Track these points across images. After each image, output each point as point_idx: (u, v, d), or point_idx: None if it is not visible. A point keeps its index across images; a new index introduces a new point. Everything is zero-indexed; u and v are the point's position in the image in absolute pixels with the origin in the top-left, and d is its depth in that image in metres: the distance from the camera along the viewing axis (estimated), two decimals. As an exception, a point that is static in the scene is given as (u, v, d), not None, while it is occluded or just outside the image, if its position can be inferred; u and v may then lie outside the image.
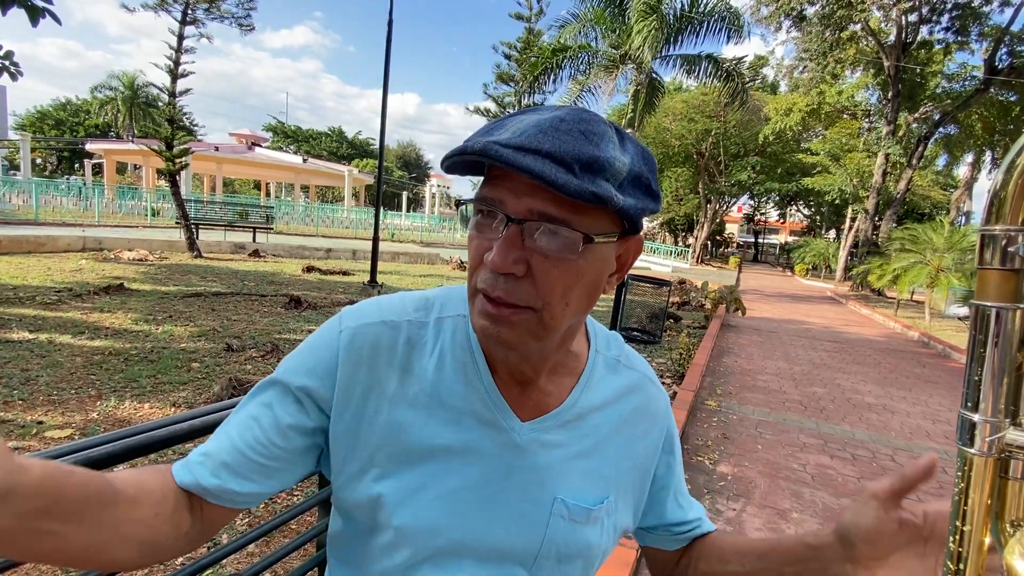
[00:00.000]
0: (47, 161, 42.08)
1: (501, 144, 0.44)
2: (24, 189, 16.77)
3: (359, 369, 0.57)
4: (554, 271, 0.48)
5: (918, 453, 3.91)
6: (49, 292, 5.99)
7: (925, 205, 28.35)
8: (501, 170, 0.48)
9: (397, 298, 0.63)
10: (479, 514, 0.58)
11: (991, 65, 15.68)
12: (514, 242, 0.47)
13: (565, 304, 0.50)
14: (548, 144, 0.44)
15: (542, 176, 0.42)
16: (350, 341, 0.57)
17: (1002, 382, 0.30)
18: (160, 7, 9.63)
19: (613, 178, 0.46)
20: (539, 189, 0.45)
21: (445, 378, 0.58)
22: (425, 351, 0.59)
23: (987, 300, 0.31)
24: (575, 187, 0.43)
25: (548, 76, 13.21)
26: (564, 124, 0.46)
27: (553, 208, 0.46)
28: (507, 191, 0.47)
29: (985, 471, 0.31)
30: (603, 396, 0.64)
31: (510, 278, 0.47)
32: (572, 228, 0.46)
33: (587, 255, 0.48)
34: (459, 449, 0.57)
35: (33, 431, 2.76)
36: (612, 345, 0.69)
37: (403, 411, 0.57)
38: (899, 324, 10.97)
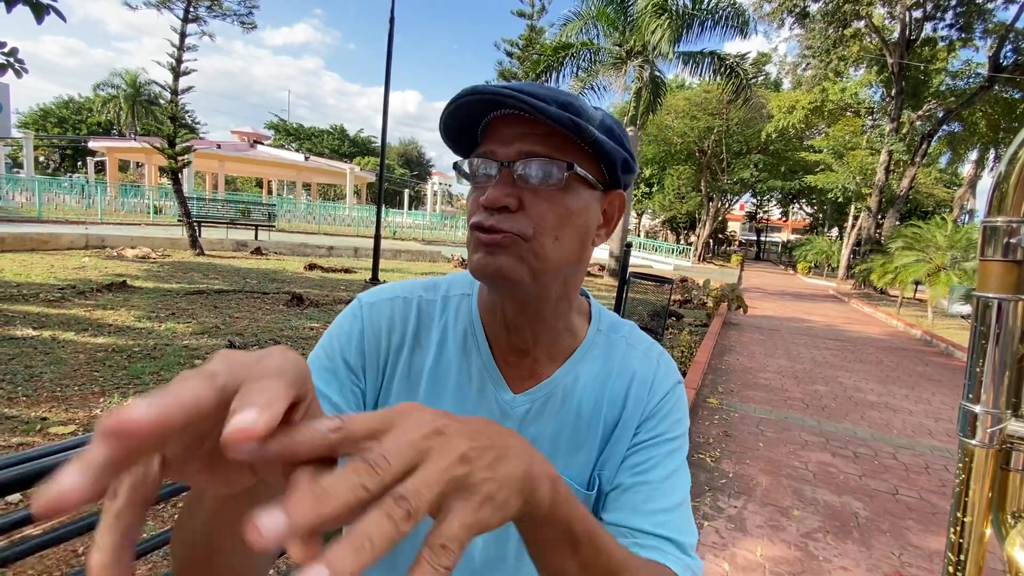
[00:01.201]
0: (50, 159, 42.18)
1: (488, 86, 0.49)
2: (27, 187, 16.81)
3: (380, 340, 0.62)
4: (543, 203, 0.51)
5: (920, 451, 3.90)
6: (52, 289, 6.00)
7: (928, 203, 28.25)
8: (492, 129, 0.54)
9: (409, 281, 0.68)
10: None
11: (995, 62, 15.60)
12: (506, 181, 0.51)
13: (555, 238, 0.52)
14: (528, 88, 0.50)
15: (526, 102, 0.47)
16: (370, 314, 0.62)
17: (1003, 374, 0.30)
18: (163, 5, 9.64)
19: (589, 121, 0.51)
20: (526, 135, 0.51)
21: (447, 351, 0.62)
22: (432, 325, 0.63)
23: (989, 292, 0.31)
24: (555, 112, 0.48)
25: (550, 74, 13.18)
26: (538, 84, 0.52)
27: (539, 147, 0.51)
28: (496, 142, 0.53)
29: (986, 462, 0.31)
30: (603, 368, 0.64)
31: (503, 211, 0.51)
32: (555, 159, 0.51)
33: (573, 193, 0.53)
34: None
35: (37, 427, 2.78)
36: (621, 327, 0.68)
37: (410, 382, 0.61)
38: (902, 322, 10.94)
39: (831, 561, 2.39)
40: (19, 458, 0.73)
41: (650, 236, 37.79)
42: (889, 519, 2.83)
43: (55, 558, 1.86)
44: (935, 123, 18.26)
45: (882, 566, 2.39)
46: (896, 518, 2.84)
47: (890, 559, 2.45)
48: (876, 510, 2.91)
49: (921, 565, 2.42)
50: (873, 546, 2.55)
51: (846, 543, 2.55)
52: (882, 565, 2.39)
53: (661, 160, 29.35)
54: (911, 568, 2.40)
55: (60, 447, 0.77)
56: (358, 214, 23.17)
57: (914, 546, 2.58)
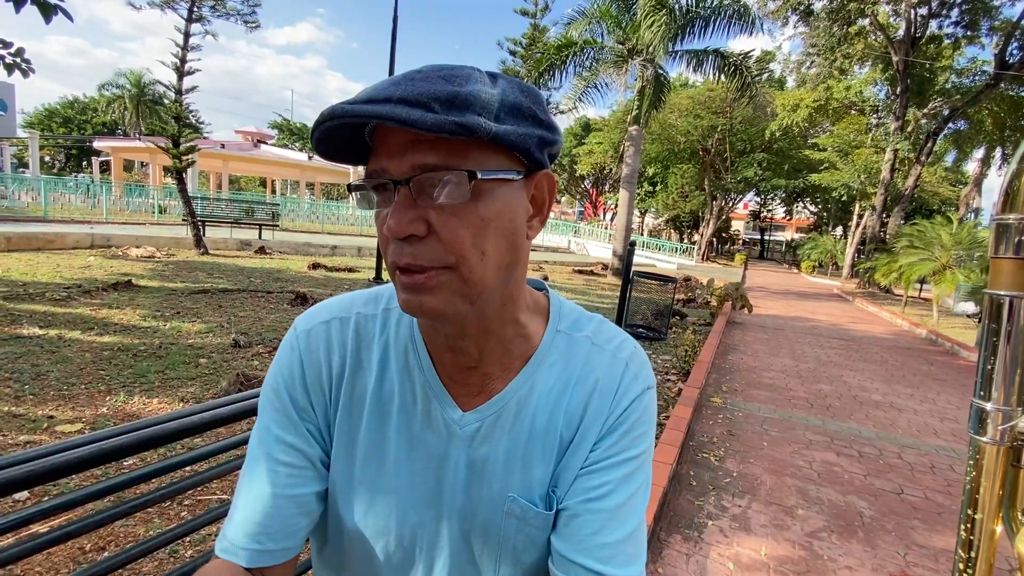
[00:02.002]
0: (55, 159, 42.39)
1: (349, 103, 0.42)
2: (33, 187, 16.89)
3: (320, 369, 0.58)
4: (453, 220, 0.44)
5: (925, 451, 3.88)
6: (58, 288, 6.04)
7: (934, 202, 28.09)
8: (378, 140, 0.46)
9: (347, 296, 0.63)
10: (426, 511, 0.56)
11: (1001, 60, 15.49)
12: (407, 203, 0.44)
13: (481, 254, 0.46)
14: (399, 92, 0.42)
15: (395, 117, 0.40)
16: (306, 343, 0.58)
17: (1015, 371, 0.30)
18: (166, 4, 9.67)
19: (484, 111, 0.43)
20: (415, 143, 0.43)
21: (388, 371, 0.58)
22: (372, 344, 0.59)
23: (1000, 289, 0.30)
24: (432, 121, 0.40)
25: (553, 72, 13.17)
26: (419, 73, 0.44)
27: (433, 157, 0.43)
28: (387, 157, 0.45)
29: (997, 459, 0.31)
30: (560, 378, 0.57)
31: (413, 240, 0.45)
32: (453, 169, 0.43)
33: (485, 198, 0.45)
34: (401, 443, 0.56)
35: (44, 425, 2.79)
36: (584, 325, 0.61)
37: (355, 405, 0.58)
38: (907, 322, 10.89)
39: (836, 560, 2.38)
40: (26, 456, 0.74)
41: (653, 235, 37.71)
42: (894, 519, 2.82)
43: (62, 555, 1.87)
44: (940, 121, 18.15)
45: (887, 566, 2.38)
46: (901, 518, 2.83)
47: (895, 559, 2.44)
48: (881, 510, 2.90)
49: (926, 565, 2.41)
50: (878, 546, 2.54)
51: (851, 542, 2.54)
52: (887, 565, 2.39)
53: (665, 159, 29.27)
54: (916, 568, 2.39)
55: (67, 445, 0.78)
56: (361, 213, 23.19)
57: (919, 546, 2.57)
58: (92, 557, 1.87)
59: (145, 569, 1.83)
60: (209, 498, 2.29)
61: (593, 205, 37.61)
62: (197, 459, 0.99)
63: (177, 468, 0.94)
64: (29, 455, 0.74)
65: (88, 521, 0.82)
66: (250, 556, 0.54)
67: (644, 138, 15.41)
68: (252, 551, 0.54)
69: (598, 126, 30.68)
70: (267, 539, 0.54)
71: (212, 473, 1.04)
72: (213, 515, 1.05)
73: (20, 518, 0.73)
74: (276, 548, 0.55)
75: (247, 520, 0.55)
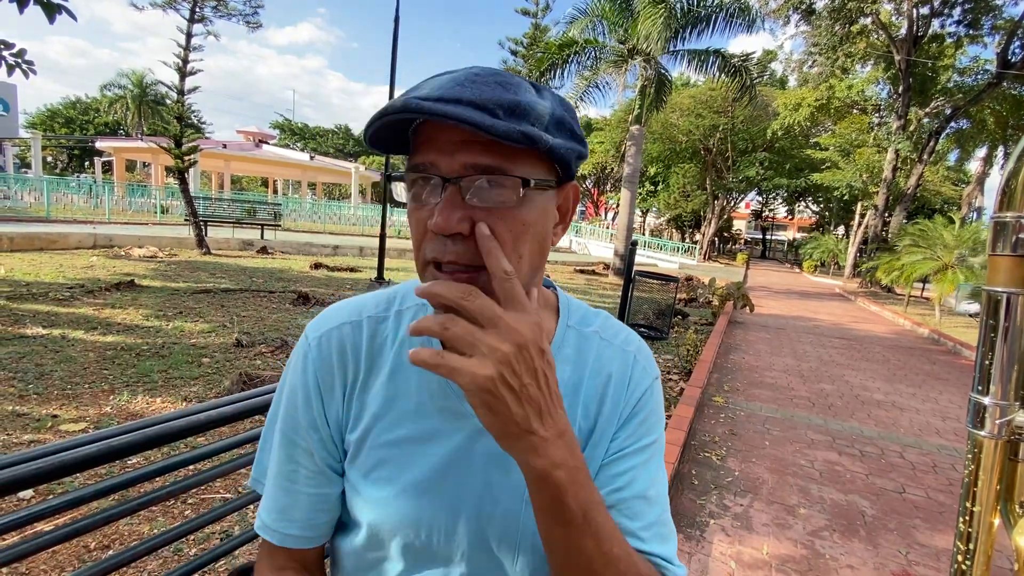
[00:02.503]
0: (58, 159, 42.48)
1: (421, 98, 0.43)
2: (36, 187, 16.94)
3: (335, 374, 0.59)
4: (500, 224, 0.46)
5: (927, 450, 3.88)
6: (61, 288, 6.06)
7: (936, 201, 28.02)
8: (427, 135, 0.47)
9: (358, 299, 0.64)
10: (445, 505, 0.57)
11: (1004, 59, 15.44)
12: (455, 201, 0.45)
13: (519, 257, 0.48)
14: (468, 94, 0.43)
15: (470, 121, 0.41)
16: (318, 350, 0.60)
17: (1012, 367, 0.30)
18: (169, 5, 9.69)
19: (538, 122, 0.46)
20: (469, 143, 0.45)
21: (404, 368, 0.59)
22: (387, 344, 0.60)
23: (998, 286, 0.31)
24: (503, 128, 0.42)
25: (554, 71, 13.17)
26: (479, 77, 0.46)
27: (487, 159, 0.45)
28: (437, 152, 0.46)
29: (995, 453, 0.31)
30: (574, 372, 0.60)
31: (457, 239, 0.46)
32: (508, 175, 0.45)
33: (528, 204, 0.47)
34: (419, 439, 0.58)
35: (48, 424, 2.80)
36: (591, 321, 0.64)
37: (371, 406, 0.59)
38: (909, 321, 10.87)
39: (838, 559, 2.38)
40: (31, 455, 0.74)
41: (655, 234, 37.69)
42: (896, 518, 2.81)
43: (67, 554, 1.88)
44: (943, 120, 18.10)
45: (889, 564, 2.38)
46: (903, 517, 2.83)
47: (897, 558, 2.44)
48: (883, 509, 2.90)
49: (928, 564, 2.41)
50: (880, 545, 2.54)
51: (853, 541, 2.54)
52: (889, 564, 2.39)
53: (666, 158, 29.24)
54: (918, 567, 2.39)
55: (71, 444, 0.78)
56: (363, 213, 23.23)
57: (921, 545, 2.57)
58: (97, 555, 1.88)
59: (150, 567, 1.84)
60: (212, 497, 2.30)
61: (595, 205, 37.59)
62: (200, 458, 1.00)
63: (180, 467, 0.95)
64: (34, 454, 0.74)
65: (92, 519, 0.83)
66: (280, 538, 0.60)
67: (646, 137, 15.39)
68: (280, 534, 0.59)
69: (599, 126, 30.65)
70: (291, 526, 0.59)
71: (215, 472, 1.04)
72: (216, 513, 1.06)
73: (25, 516, 0.73)
74: (300, 535, 0.60)
75: (273, 508, 0.60)
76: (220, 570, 1.82)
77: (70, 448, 0.77)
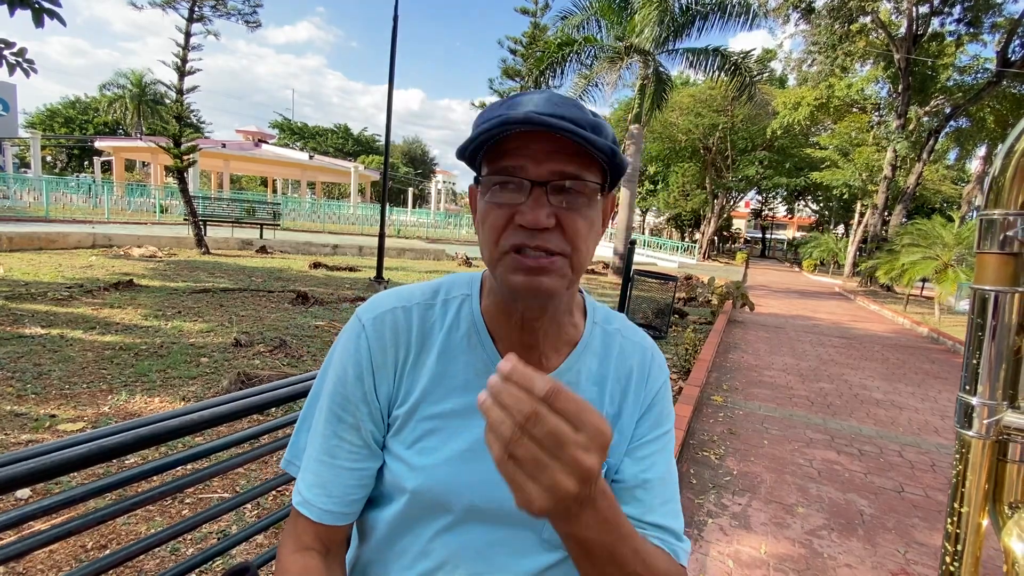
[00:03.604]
0: (57, 159, 42.44)
1: (538, 113, 0.50)
2: (35, 187, 16.94)
3: (387, 352, 0.64)
4: (578, 220, 0.55)
5: (926, 449, 3.88)
6: (60, 288, 6.05)
7: (936, 200, 28.03)
8: (518, 143, 0.54)
9: (406, 288, 0.70)
10: (486, 476, 0.60)
11: (1004, 57, 15.43)
12: (542, 201, 0.53)
13: (586, 248, 0.57)
14: (567, 112, 0.52)
15: (582, 136, 0.50)
16: (373, 330, 0.64)
17: (1000, 366, 0.31)
18: (168, 4, 9.68)
19: (611, 139, 0.55)
20: (557, 154, 0.53)
21: (452, 349, 0.65)
22: (435, 329, 0.66)
23: (986, 284, 0.31)
24: (602, 143, 0.51)
25: (554, 70, 13.15)
26: (560, 99, 0.55)
27: (571, 167, 0.53)
28: (526, 158, 0.53)
29: (983, 453, 0.31)
30: (601, 365, 0.68)
31: (544, 231, 0.53)
32: (588, 182, 0.54)
33: (595, 206, 0.57)
34: (464, 413, 0.63)
35: (46, 424, 2.80)
36: (613, 319, 0.73)
37: (421, 382, 0.64)
38: (908, 320, 10.88)
39: (836, 559, 2.38)
40: (28, 454, 0.74)
41: (654, 234, 37.69)
42: (894, 517, 2.82)
43: (64, 552, 1.88)
44: (942, 119, 18.09)
45: (887, 564, 2.38)
46: (901, 516, 2.84)
47: (895, 556, 2.44)
48: (881, 508, 2.91)
49: (926, 563, 2.41)
50: (878, 544, 2.54)
51: (851, 540, 2.55)
52: (887, 563, 2.39)
53: (666, 157, 29.25)
54: (916, 566, 2.39)
55: (68, 443, 0.78)
56: (362, 212, 23.23)
57: (919, 544, 2.57)
58: (94, 554, 1.88)
59: (147, 567, 1.84)
60: (210, 496, 2.30)
61: (594, 204, 37.52)
62: (198, 457, 1.00)
63: (178, 466, 0.95)
64: (31, 452, 0.74)
65: (89, 518, 0.83)
66: (318, 513, 0.63)
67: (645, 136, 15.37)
68: (319, 509, 0.63)
69: (599, 125, 30.59)
70: (329, 501, 0.63)
71: (212, 471, 1.05)
72: (214, 512, 1.06)
73: (22, 515, 0.73)
74: (336, 511, 0.64)
75: (313, 483, 0.64)
76: (217, 569, 1.82)
77: (67, 447, 0.77)
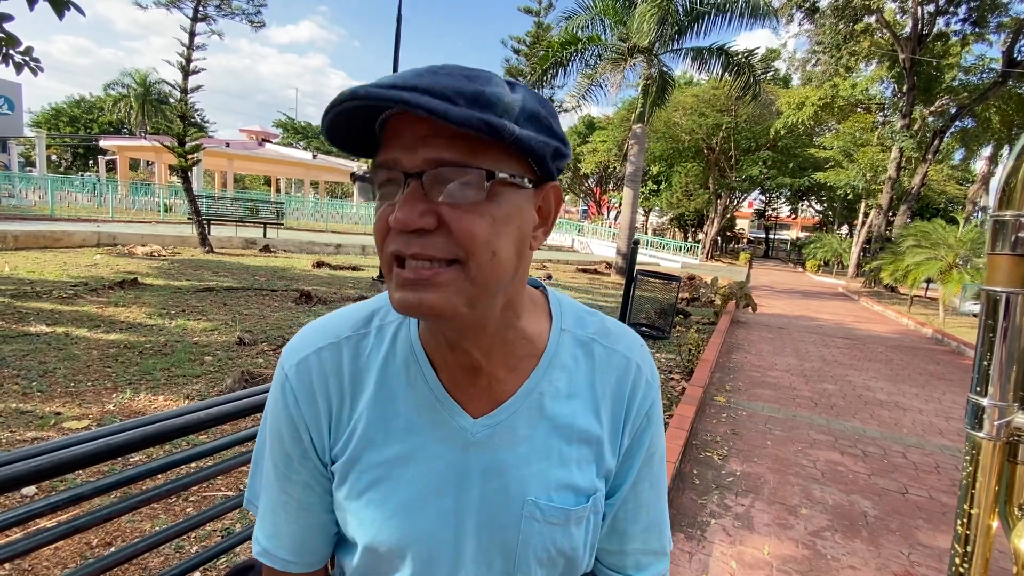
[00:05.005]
0: (62, 158, 42.62)
1: (372, 85, 0.41)
2: (40, 185, 17.01)
3: (317, 403, 0.56)
4: (467, 217, 0.44)
5: (930, 450, 3.87)
6: (65, 286, 6.08)
7: (940, 200, 27.90)
8: (392, 131, 0.45)
9: (336, 316, 0.60)
10: (443, 523, 0.55)
11: (1009, 57, 15.35)
12: (417, 196, 0.43)
13: (491, 254, 0.45)
14: (425, 83, 0.41)
15: (419, 104, 0.39)
16: (297, 380, 0.56)
17: (1011, 367, 0.30)
18: (172, 4, 9.71)
19: (506, 114, 0.43)
20: (432, 138, 0.43)
21: (390, 385, 0.56)
22: (371, 363, 0.57)
23: (997, 285, 0.31)
24: (457, 113, 0.40)
25: (557, 70, 13.14)
26: (443, 68, 0.44)
27: (449, 153, 0.43)
28: (399, 149, 0.44)
29: (993, 455, 0.31)
30: (575, 379, 0.58)
31: (422, 234, 0.44)
32: (471, 167, 0.43)
33: (498, 199, 0.45)
34: (411, 457, 0.55)
35: (52, 422, 2.82)
36: (588, 323, 0.61)
37: (359, 429, 0.56)
38: (912, 321, 10.83)
39: (839, 560, 2.38)
40: (34, 451, 0.74)
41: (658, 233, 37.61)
42: (898, 518, 2.81)
43: (70, 550, 1.89)
44: (947, 119, 18.01)
45: (891, 565, 2.37)
46: (905, 517, 2.82)
47: (899, 558, 2.44)
48: (885, 509, 2.90)
49: (930, 565, 2.40)
50: (882, 545, 2.53)
51: (854, 542, 2.54)
52: (891, 564, 2.38)
53: (669, 157, 29.17)
54: (920, 568, 2.38)
55: (74, 441, 0.79)
56: (366, 212, 23.25)
57: (923, 545, 2.56)
58: (99, 551, 1.89)
59: (151, 564, 1.85)
60: (214, 494, 2.31)
61: (597, 204, 37.54)
62: (202, 455, 1.00)
63: (182, 464, 0.95)
64: (37, 450, 0.75)
65: (95, 516, 0.83)
66: (281, 563, 0.59)
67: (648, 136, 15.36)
68: (280, 559, 0.59)
69: (602, 124, 30.62)
70: (289, 552, 0.59)
71: (216, 469, 1.05)
72: (218, 511, 1.06)
73: (28, 512, 0.74)
74: (298, 560, 0.59)
75: (272, 535, 0.59)
76: (221, 567, 1.83)
77: (73, 445, 0.78)
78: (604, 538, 0.62)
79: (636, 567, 0.63)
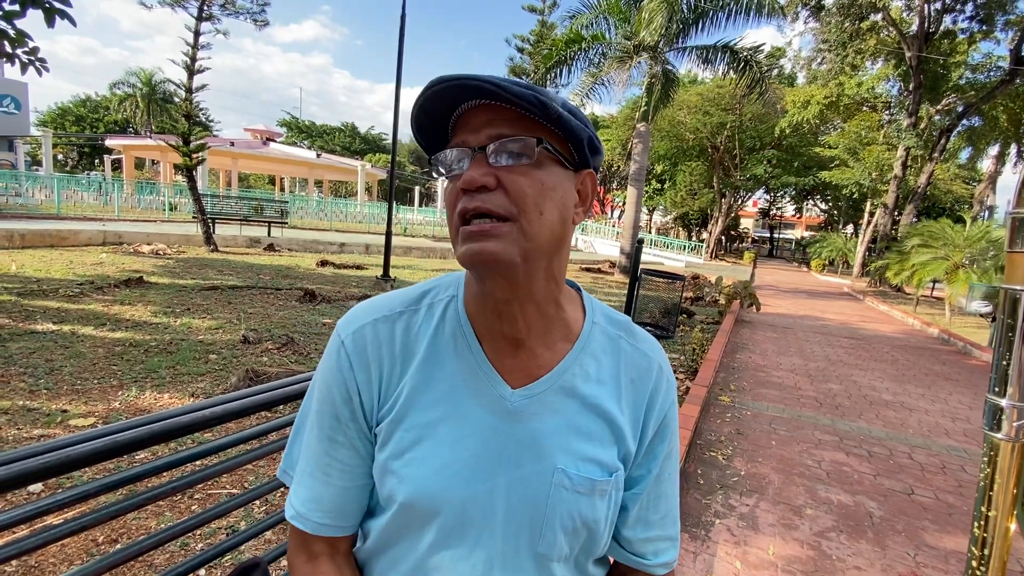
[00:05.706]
0: (68, 157, 42.84)
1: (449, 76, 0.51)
2: (46, 184, 17.09)
3: (370, 368, 0.61)
4: (520, 179, 0.52)
5: (936, 451, 3.85)
6: (71, 285, 6.11)
7: (947, 199, 27.71)
8: (462, 123, 0.55)
9: (390, 295, 0.67)
10: (479, 484, 0.59)
11: (1017, 55, 15.23)
12: (481, 161, 0.53)
13: (539, 213, 0.53)
14: (488, 77, 0.51)
15: (487, 80, 0.50)
16: (353, 346, 0.62)
17: (1031, 367, 0.30)
18: (177, 3, 9.74)
19: (552, 101, 0.53)
20: (493, 120, 0.53)
21: (438, 354, 0.62)
22: (422, 334, 0.63)
23: (1017, 283, 0.30)
24: (516, 90, 0.50)
25: (561, 69, 13.12)
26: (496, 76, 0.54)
27: (507, 129, 0.53)
28: (467, 132, 0.54)
29: (1012, 456, 0.30)
30: (602, 367, 0.64)
31: (483, 191, 0.52)
32: (523, 136, 0.52)
33: (546, 168, 0.54)
34: (453, 420, 0.60)
35: (58, 419, 2.83)
36: (616, 321, 0.69)
37: (405, 392, 0.61)
38: (918, 321, 10.77)
39: (844, 560, 2.36)
40: (40, 449, 0.75)
41: (662, 233, 37.53)
42: (904, 519, 2.79)
43: (76, 547, 1.90)
44: (954, 118, 17.89)
45: (896, 566, 2.36)
46: (911, 518, 2.81)
47: (905, 559, 2.42)
48: (891, 510, 2.88)
49: (936, 566, 2.39)
50: (887, 546, 2.52)
51: (860, 542, 2.52)
52: (896, 565, 2.37)
53: (673, 156, 29.09)
54: (926, 568, 2.37)
55: (80, 438, 0.79)
56: (369, 211, 23.28)
57: (929, 546, 2.54)
58: (104, 549, 1.90)
59: (157, 561, 1.85)
60: (219, 492, 2.31)
61: (601, 203, 37.46)
62: (207, 453, 1.00)
63: (187, 462, 0.95)
64: (43, 448, 0.75)
65: (101, 513, 0.83)
66: (314, 527, 0.62)
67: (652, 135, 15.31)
68: (314, 523, 0.62)
69: (606, 123, 30.53)
70: (325, 516, 0.63)
71: (222, 467, 1.05)
72: (222, 509, 1.06)
73: (35, 510, 0.74)
74: (334, 524, 0.63)
75: (307, 499, 0.63)
76: (226, 565, 1.83)
77: (79, 443, 0.78)
78: (629, 527, 0.67)
79: (655, 553, 0.68)
